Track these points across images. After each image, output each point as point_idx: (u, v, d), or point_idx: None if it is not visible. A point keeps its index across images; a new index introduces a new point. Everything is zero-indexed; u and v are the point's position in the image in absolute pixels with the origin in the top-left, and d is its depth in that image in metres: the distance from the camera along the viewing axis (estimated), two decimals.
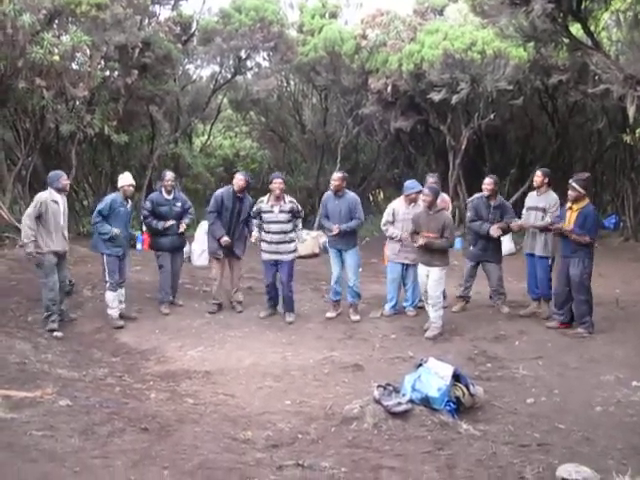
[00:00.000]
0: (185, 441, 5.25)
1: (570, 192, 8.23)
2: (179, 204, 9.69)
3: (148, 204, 9.60)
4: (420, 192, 9.04)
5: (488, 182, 9.30)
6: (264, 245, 9.18)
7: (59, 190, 8.56)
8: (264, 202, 9.12)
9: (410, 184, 9.31)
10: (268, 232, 9.08)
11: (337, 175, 9.27)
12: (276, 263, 9.18)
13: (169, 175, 9.73)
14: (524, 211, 9.33)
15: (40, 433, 5.12)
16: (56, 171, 8.93)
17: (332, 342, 8.45)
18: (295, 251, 9.39)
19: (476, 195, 9.62)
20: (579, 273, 8.17)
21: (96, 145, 15.85)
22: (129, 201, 9.19)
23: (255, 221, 9.23)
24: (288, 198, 9.25)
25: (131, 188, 9.16)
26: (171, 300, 9.80)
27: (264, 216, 9.07)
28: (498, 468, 4.85)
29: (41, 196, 8.48)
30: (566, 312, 8.50)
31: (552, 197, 9.00)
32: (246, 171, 12.48)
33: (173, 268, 9.74)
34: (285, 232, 9.09)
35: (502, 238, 9.54)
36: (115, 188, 9.34)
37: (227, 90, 17.61)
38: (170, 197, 9.62)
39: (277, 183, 9.02)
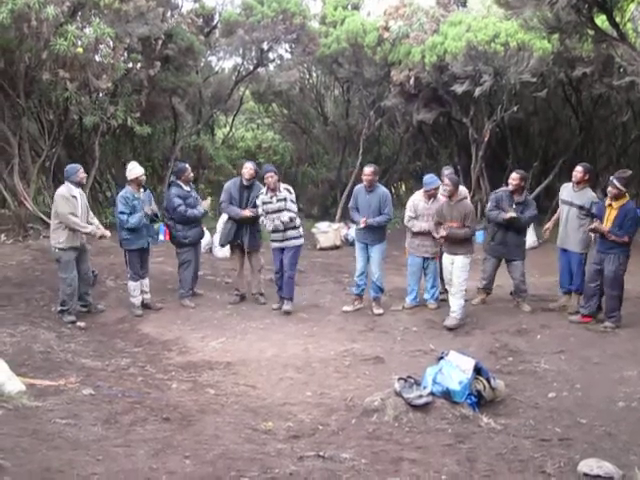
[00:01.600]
0: (206, 431, 5.29)
1: (610, 189, 8.11)
2: (194, 193, 9.77)
3: (178, 200, 9.42)
4: (438, 188, 9.09)
5: (514, 177, 9.16)
6: (273, 235, 9.25)
7: (76, 184, 8.60)
8: (264, 193, 9.21)
9: (429, 179, 9.25)
10: (272, 221, 9.14)
11: (369, 169, 9.23)
12: (283, 250, 9.24)
13: (188, 167, 9.79)
14: (559, 202, 9.22)
15: (64, 421, 5.18)
16: (73, 164, 8.96)
17: (353, 334, 8.47)
18: (301, 237, 9.43)
19: (502, 188, 9.52)
20: (614, 269, 8.10)
21: (119, 137, 15.92)
22: (141, 192, 9.14)
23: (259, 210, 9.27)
24: (283, 186, 9.30)
25: (143, 177, 9.16)
26: (192, 290, 9.85)
27: (266, 207, 9.15)
28: (519, 462, 4.84)
29: (61, 192, 8.54)
30: (591, 306, 8.44)
31: (589, 195, 8.82)
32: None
33: (195, 261, 9.81)
34: (289, 219, 9.15)
35: (526, 233, 9.42)
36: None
37: (249, 82, 17.57)
38: (189, 188, 9.67)
39: (269, 177, 9.09)
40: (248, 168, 9.55)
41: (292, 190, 9.40)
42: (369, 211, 9.11)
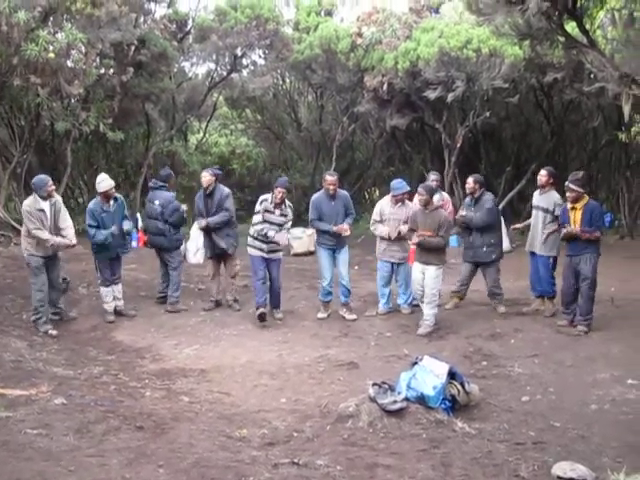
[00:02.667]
0: (180, 439, 5.25)
1: (568, 194, 8.24)
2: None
3: (178, 204, 9.70)
4: (407, 193, 9.18)
5: (468, 181, 9.44)
6: (258, 243, 9.09)
7: (44, 197, 8.43)
8: (268, 201, 9.10)
9: (397, 184, 9.28)
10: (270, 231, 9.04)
11: (332, 178, 9.18)
12: (266, 260, 9.18)
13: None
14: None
15: (35, 431, 5.12)
16: (41, 176, 8.71)
17: (327, 340, 8.45)
18: (282, 250, 9.49)
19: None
20: (590, 268, 8.18)
21: (91, 143, 15.85)
22: (112, 203, 9.03)
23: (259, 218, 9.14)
24: (288, 203, 9.31)
25: (113, 190, 9.05)
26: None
27: (265, 215, 9.04)
28: (493, 466, 4.86)
29: (25, 206, 8.45)
30: (573, 310, 8.48)
31: (554, 197, 8.94)
32: (216, 167, 12.18)
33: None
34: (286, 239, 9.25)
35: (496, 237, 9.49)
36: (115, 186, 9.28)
37: (223, 88, 17.58)
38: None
39: (280, 192, 9.01)
40: (203, 176, 9.53)
41: (291, 211, 9.39)
42: (337, 217, 9.10)
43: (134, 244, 13.14)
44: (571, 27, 9.36)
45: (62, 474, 4.40)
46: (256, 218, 9.11)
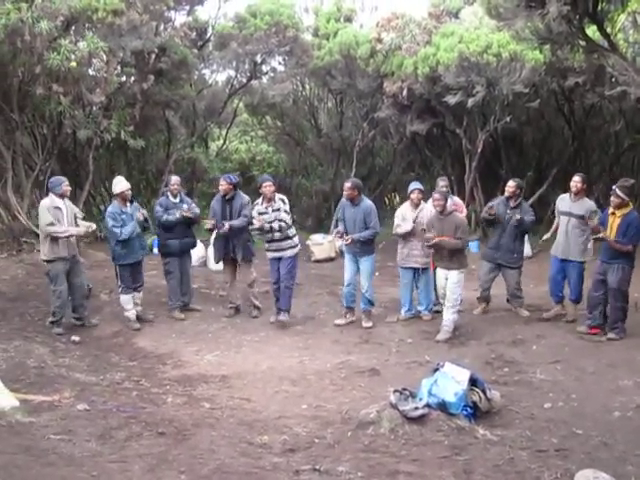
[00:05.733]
0: (202, 445, 5.26)
1: (613, 198, 8.10)
2: (185, 206, 9.71)
3: (158, 208, 9.62)
4: (416, 190, 9.22)
5: (510, 184, 9.34)
6: (268, 245, 9.31)
7: (60, 195, 8.67)
8: (259, 204, 9.22)
9: (411, 185, 9.46)
10: (268, 231, 9.14)
11: (347, 185, 9.13)
12: (279, 260, 9.25)
13: (174, 179, 9.89)
14: (556, 213, 9.25)
15: (58, 437, 5.17)
16: (57, 177, 9.09)
17: (349, 346, 8.45)
18: (296, 247, 9.44)
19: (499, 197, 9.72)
20: (618, 280, 8.08)
21: (113, 150, 15.93)
22: (129, 205, 9.15)
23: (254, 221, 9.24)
24: (279, 196, 9.32)
25: (129, 192, 9.18)
26: (185, 305, 9.83)
27: (263, 217, 9.14)
28: (516, 473, 4.83)
29: (44, 205, 8.63)
30: (596, 316, 8.41)
31: (589, 204, 8.88)
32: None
33: (183, 273, 9.79)
34: (279, 227, 9.15)
35: (523, 242, 9.47)
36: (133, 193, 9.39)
37: (243, 94, 17.61)
38: (177, 200, 9.69)
39: (266, 186, 9.12)
40: (220, 184, 9.57)
41: (286, 200, 9.39)
42: (354, 225, 9.07)
43: (155, 251, 13.21)
44: (592, 31, 9.33)
45: (84, 479, 4.43)
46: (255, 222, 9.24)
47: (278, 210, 9.16)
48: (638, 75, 8.39)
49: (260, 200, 9.26)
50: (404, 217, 9.29)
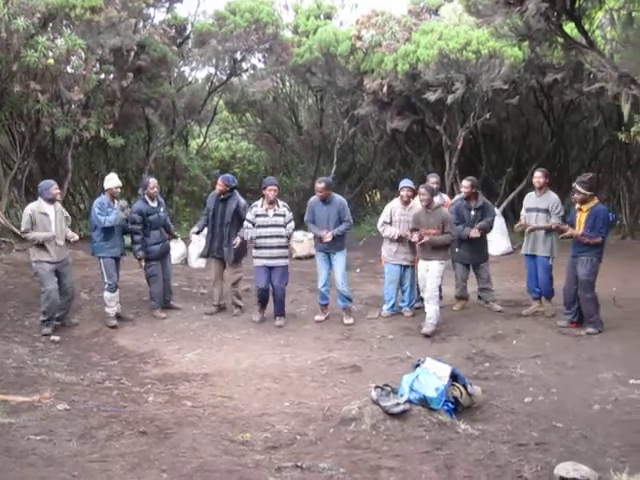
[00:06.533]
0: (183, 444, 5.25)
1: (576, 195, 8.26)
2: (162, 209, 9.65)
3: (137, 217, 9.30)
4: (405, 188, 9.16)
5: (465, 184, 9.42)
6: (258, 251, 9.10)
7: (49, 200, 8.51)
8: (258, 206, 9.11)
9: (402, 182, 9.42)
10: (262, 237, 9.01)
11: (320, 186, 9.07)
12: (269, 268, 9.15)
13: (153, 182, 9.59)
14: (523, 212, 9.29)
15: (38, 437, 5.13)
16: (47, 180, 8.92)
17: (330, 343, 8.46)
18: (287, 257, 9.36)
19: (457, 197, 9.71)
20: (586, 272, 8.19)
21: (92, 148, 15.82)
22: (116, 202, 9.10)
23: (249, 225, 9.10)
24: (282, 203, 9.24)
25: (118, 190, 9.12)
26: (166, 302, 9.79)
27: (258, 220, 9.02)
28: (496, 467, 4.86)
29: (28, 209, 8.52)
30: (574, 311, 8.51)
31: (553, 197, 8.98)
32: (233, 173, 12.27)
33: (164, 273, 9.71)
34: (280, 236, 9.07)
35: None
36: None
37: (223, 92, 17.59)
38: (155, 204, 9.54)
39: (271, 190, 8.98)
40: (218, 184, 9.50)
41: (290, 209, 9.33)
42: (328, 222, 9.06)
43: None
44: (570, 28, 9.37)
45: (65, 479, 4.40)
46: (244, 224, 9.15)
47: (282, 216, 9.07)
48: (615, 72, 8.44)
49: (260, 202, 9.15)
50: (392, 215, 9.26)
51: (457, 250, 9.41)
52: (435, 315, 8.61)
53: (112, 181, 9.10)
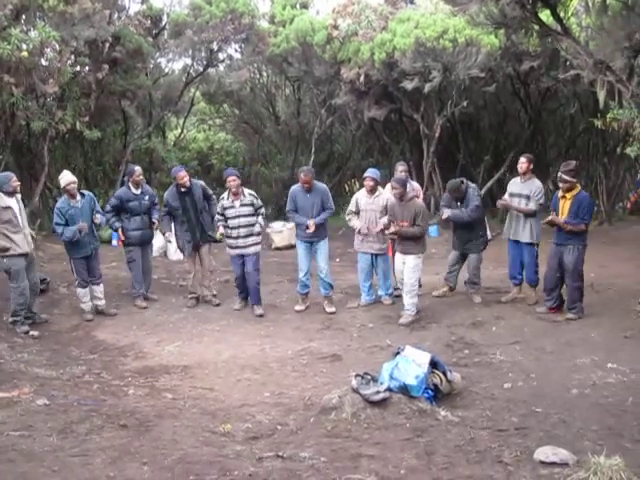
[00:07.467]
0: (164, 436, 5.24)
1: (561, 184, 8.29)
2: (147, 197, 9.68)
3: (113, 201, 9.58)
4: (367, 178, 9.27)
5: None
6: (229, 241, 9.20)
7: (10, 193, 8.30)
8: (224, 198, 9.13)
9: (368, 172, 9.48)
10: (232, 227, 9.08)
11: (306, 177, 9.06)
12: (242, 257, 9.20)
13: (139, 170, 9.75)
14: (506, 196, 9.34)
15: (17, 433, 5.10)
16: (5, 173, 8.74)
17: (310, 333, 8.48)
18: (259, 244, 9.41)
19: None
20: (574, 260, 8.25)
21: (68, 142, 15.70)
22: (78, 197, 8.96)
23: (221, 218, 9.17)
24: (247, 191, 9.25)
25: (72, 185, 8.93)
26: (145, 295, 9.78)
27: (227, 212, 9.07)
28: (476, 453, 4.89)
29: None
30: (555, 297, 8.59)
31: (536, 184, 9.05)
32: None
33: (144, 262, 9.76)
34: (250, 225, 9.10)
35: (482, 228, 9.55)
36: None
37: (200, 83, 17.48)
38: (138, 192, 9.62)
39: (232, 180, 9.01)
40: (181, 176, 9.40)
41: (257, 196, 9.32)
42: (312, 210, 9.10)
43: (114, 243, 13.06)
44: (545, 15, 9.40)
45: (46, 475, 4.39)
46: (215, 219, 9.22)
47: (250, 205, 9.09)
48: (590, 59, 8.49)
49: (226, 195, 9.17)
50: (358, 204, 9.32)
51: (453, 237, 9.58)
52: (412, 306, 8.66)
53: (65, 178, 8.98)
